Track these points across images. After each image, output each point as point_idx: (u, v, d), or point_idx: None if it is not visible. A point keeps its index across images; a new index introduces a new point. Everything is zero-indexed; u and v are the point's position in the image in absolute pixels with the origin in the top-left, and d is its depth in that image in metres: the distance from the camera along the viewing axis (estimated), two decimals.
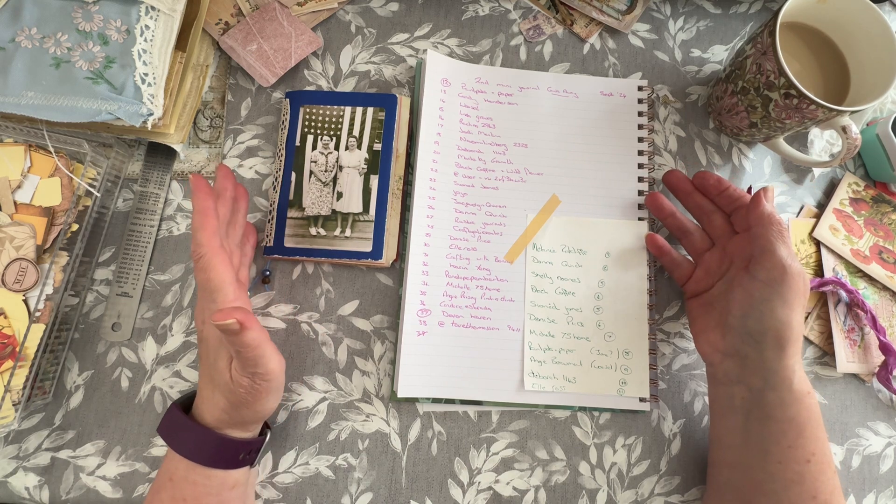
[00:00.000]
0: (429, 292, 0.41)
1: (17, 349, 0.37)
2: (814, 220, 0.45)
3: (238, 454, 0.34)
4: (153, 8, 0.39)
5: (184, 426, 0.34)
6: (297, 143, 0.43)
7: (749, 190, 0.45)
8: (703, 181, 0.41)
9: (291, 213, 0.42)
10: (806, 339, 0.43)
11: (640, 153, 0.45)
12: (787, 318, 0.33)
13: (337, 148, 0.43)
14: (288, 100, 0.44)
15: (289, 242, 0.41)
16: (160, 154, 0.43)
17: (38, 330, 0.37)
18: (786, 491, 0.33)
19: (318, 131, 0.43)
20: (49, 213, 0.39)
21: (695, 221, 0.42)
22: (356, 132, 0.43)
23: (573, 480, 0.40)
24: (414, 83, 0.46)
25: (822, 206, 0.46)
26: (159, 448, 0.39)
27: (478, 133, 0.45)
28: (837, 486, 0.34)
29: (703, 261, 0.40)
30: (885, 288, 0.44)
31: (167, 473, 0.34)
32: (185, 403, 0.36)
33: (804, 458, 0.33)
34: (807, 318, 0.43)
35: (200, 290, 0.33)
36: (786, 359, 0.33)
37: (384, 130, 0.43)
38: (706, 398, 0.42)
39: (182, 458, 0.33)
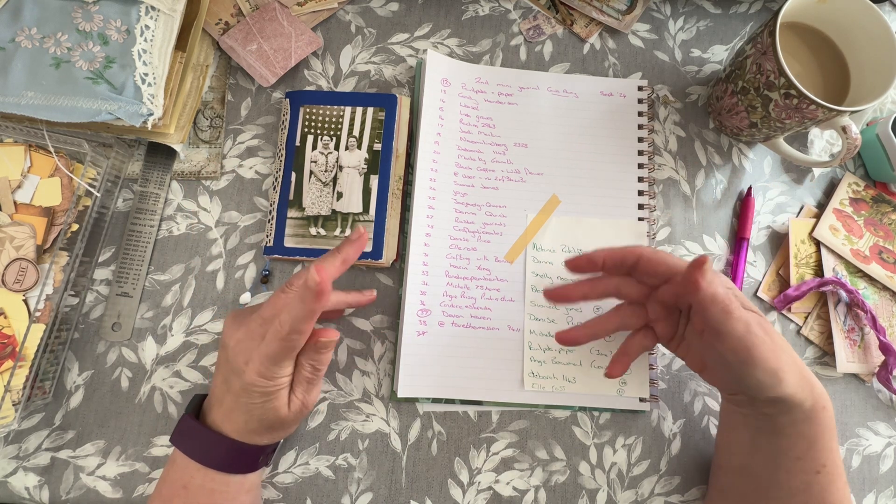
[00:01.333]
0: (429, 292, 0.41)
1: (17, 349, 0.37)
2: (814, 220, 0.45)
3: (258, 458, 0.35)
4: (153, 8, 0.39)
5: (206, 437, 0.33)
6: (297, 143, 0.43)
7: (749, 191, 0.45)
8: (578, 268, 0.37)
9: (291, 213, 0.42)
10: (806, 339, 0.43)
11: (640, 153, 0.45)
12: (772, 373, 0.31)
13: (337, 148, 0.43)
14: (288, 100, 0.44)
15: (289, 242, 0.41)
16: (160, 154, 0.43)
17: (38, 330, 0.37)
18: (791, 498, 0.33)
19: (318, 131, 0.43)
20: (49, 213, 0.39)
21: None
22: (356, 132, 0.43)
23: (573, 480, 0.40)
24: (414, 83, 0.46)
25: (822, 206, 0.46)
26: (159, 448, 0.39)
27: (478, 133, 0.45)
28: (847, 498, 0.33)
29: (651, 321, 0.37)
30: (885, 288, 0.44)
31: (179, 482, 0.33)
32: (193, 409, 0.36)
33: (814, 469, 0.32)
34: (807, 318, 0.43)
35: (258, 326, 0.32)
36: (790, 396, 0.31)
37: (384, 130, 0.43)
38: (706, 398, 0.42)
39: (200, 466, 0.33)
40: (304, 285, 0.30)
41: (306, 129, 0.43)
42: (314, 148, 0.43)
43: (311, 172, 0.42)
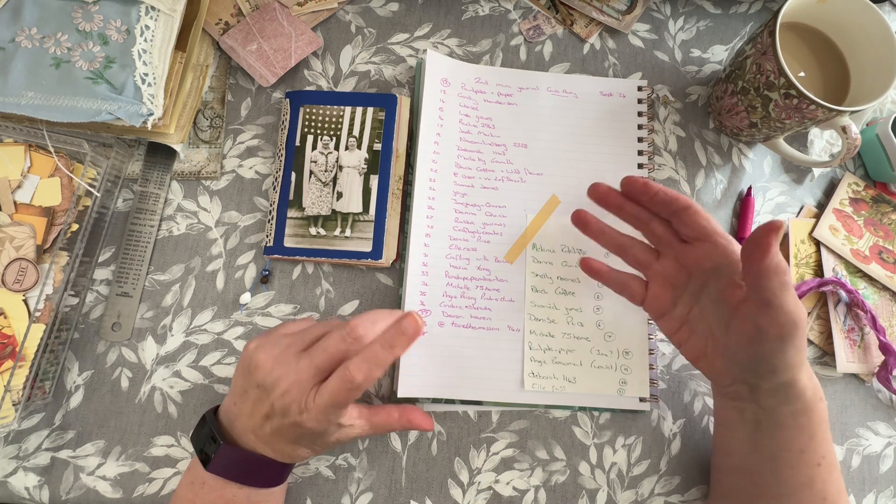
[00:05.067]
0: (429, 292, 0.41)
1: (17, 349, 0.37)
2: (814, 220, 0.45)
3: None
4: (153, 8, 0.39)
5: (254, 463, 0.33)
6: (297, 143, 0.43)
7: (749, 191, 0.45)
8: (631, 189, 0.36)
9: (291, 213, 0.42)
10: (806, 339, 0.43)
11: (640, 153, 0.45)
12: (800, 359, 0.31)
13: (337, 148, 0.43)
14: (288, 100, 0.44)
15: (289, 242, 0.41)
16: (160, 154, 0.43)
17: (38, 330, 0.37)
18: (796, 494, 0.33)
19: (318, 131, 0.43)
20: (49, 213, 0.39)
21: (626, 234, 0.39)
22: (356, 132, 0.43)
23: (573, 480, 0.40)
24: (414, 83, 0.46)
25: (822, 206, 0.46)
26: (159, 448, 0.39)
27: (477, 133, 0.45)
28: (843, 486, 0.34)
29: (653, 274, 0.37)
30: (884, 288, 0.44)
31: (220, 502, 0.33)
32: (217, 431, 0.34)
33: (815, 462, 0.33)
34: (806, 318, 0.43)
35: (311, 376, 0.32)
36: (798, 381, 0.32)
37: (384, 130, 0.43)
38: (706, 398, 0.42)
39: (242, 485, 0.33)
40: (385, 351, 0.32)
41: (306, 129, 0.43)
42: (314, 148, 0.43)
43: (311, 172, 0.42)
